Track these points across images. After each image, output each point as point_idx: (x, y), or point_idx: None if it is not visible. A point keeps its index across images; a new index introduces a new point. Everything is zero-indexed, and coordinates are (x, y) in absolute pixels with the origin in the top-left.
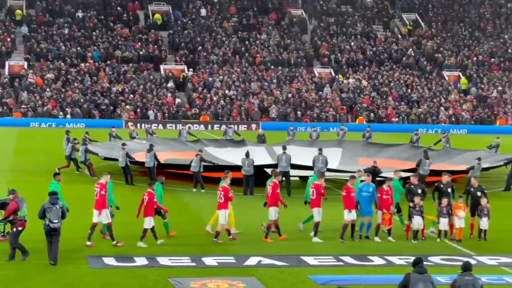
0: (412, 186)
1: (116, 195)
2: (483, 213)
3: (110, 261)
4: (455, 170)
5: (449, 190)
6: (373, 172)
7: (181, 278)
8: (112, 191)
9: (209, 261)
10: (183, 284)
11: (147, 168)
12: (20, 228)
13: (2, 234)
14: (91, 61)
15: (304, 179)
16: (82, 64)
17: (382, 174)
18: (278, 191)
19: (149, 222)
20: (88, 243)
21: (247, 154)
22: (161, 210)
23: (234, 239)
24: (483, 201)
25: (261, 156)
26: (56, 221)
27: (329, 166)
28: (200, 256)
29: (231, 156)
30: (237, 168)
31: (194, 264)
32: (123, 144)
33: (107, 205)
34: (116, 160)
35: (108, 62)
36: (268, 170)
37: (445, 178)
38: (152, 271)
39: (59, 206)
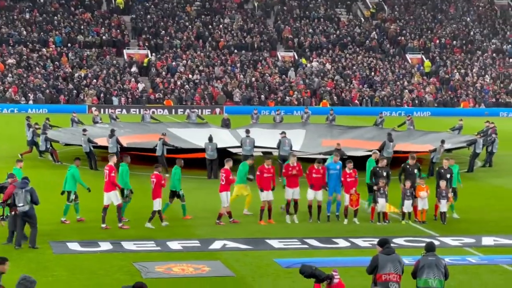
0: (378, 169)
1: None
2: (441, 195)
3: (74, 246)
4: (419, 151)
5: (416, 171)
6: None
7: (146, 262)
8: (128, 174)
9: (174, 245)
10: (148, 268)
11: (110, 153)
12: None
13: (2, 217)
14: (53, 46)
15: (266, 154)
16: (44, 49)
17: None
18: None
19: (158, 204)
20: (103, 225)
21: (210, 139)
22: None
23: (235, 222)
24: (442, 183)
25: (225, 138)
26: (21, 204)
27: (292, 147)
28: (165, 240)
29: (195, 136)
30: (201, 150)
31: (159, 248)
32: (84, 130)
33: (121, 187)
34: (77, 145)
35: (70, 46)
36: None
37: (412, 159)
38: (116, 255)
39: (25, 190)
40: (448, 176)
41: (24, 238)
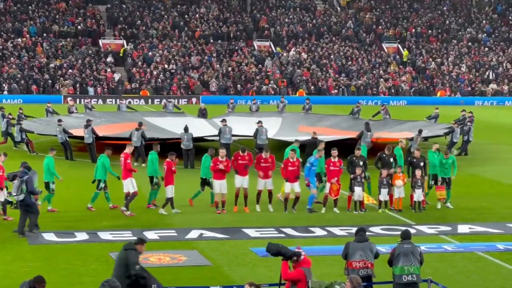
0: (354, 158)
1: (57, 170)
2: (417, 185)
3: (50, 236)
4: (395, 137)
5: (391, 160)
6: (314, 143)
7: None
8: (157, 162)
9: (151, 235)
10: None
11: (86, 144)
12: None
13: (15, 206)
14: (28, 36)
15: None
16: (19, 39)
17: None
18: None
19: (171, 190)
20: (127, 213)
21: (186, 129)
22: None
23: (220, 212)
24: (417, 172)
25: (202, 127)
26: (15, 193)
27: (268, 135)
28: (141, 230)
29: (172, 125)
30: (178, 139)
31: (135, 238)
32: (59, 121)
33: (136, 171)
34: (52, 136)
35: (45, 36)
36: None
37: (388, 150)
38: (93, 245)
39: (20, 179)
40: (422, 164)
41: (36, 228)
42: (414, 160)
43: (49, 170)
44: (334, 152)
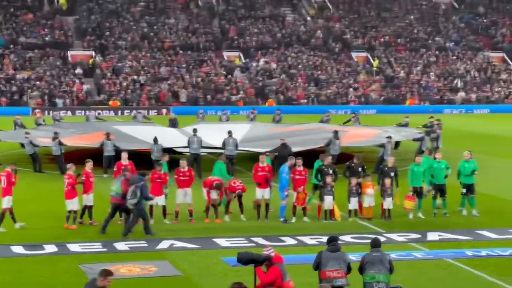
0: (324, 167)
1: (23, 182)
2: (386, 193)
3: (18, 249)
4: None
5: (360, 169)
6: (283, 150)
7: (92, 264)
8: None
9: (121, 246)
10: (94, 269)
11: (54, 156)
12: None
13: None
14: None
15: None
16: None
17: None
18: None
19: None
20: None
21: (155, 140)
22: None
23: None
24: (387, 181)
25: (172, 137)
26: (129, 197)
27: (238, 134)
28: (111, 241)
29: (142, 133)
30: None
31: (105, 249)
32: (27, 133)
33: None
34: (23, 145)
35: (13, 48)
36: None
37: (356, 159)
38: (62, 258)
39: (135, 185)
40: (392, 174)
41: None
42: (386, 168)
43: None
44: (299, 161)
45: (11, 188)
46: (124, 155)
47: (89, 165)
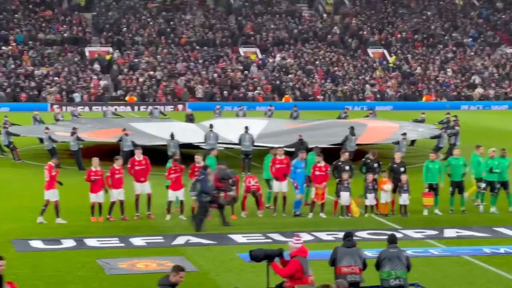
0: (340, 163)
1: (41, 177)
2: (402, 189)
3: (36, 244)
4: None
5: (376, 165)
6: (300, 145)
7: (109, 259)
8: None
9: (137, 241)
10: (111, 264)
11: (72, 151)
12: None
13: None
14: (14, 44)
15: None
16: (5, 47)
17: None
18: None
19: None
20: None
21: (172, 136)
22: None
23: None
24: (403, 177)
25: (190, 132)
26: (190, 190)
27: (254, 130)
28: (128, 236)
29: (159, 130)
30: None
31: (122, 244)
32: (46, 128)
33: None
34: (41, 140)
35: (32, 44)
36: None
37: (372, 155)
38: (80, 252)
39: (196, 179)
40: (402, 169)
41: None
42: (395, 165)
43: None
44: (319, 158)
45: (53, 182)
46: (138, 151)
47: (118, 163)
